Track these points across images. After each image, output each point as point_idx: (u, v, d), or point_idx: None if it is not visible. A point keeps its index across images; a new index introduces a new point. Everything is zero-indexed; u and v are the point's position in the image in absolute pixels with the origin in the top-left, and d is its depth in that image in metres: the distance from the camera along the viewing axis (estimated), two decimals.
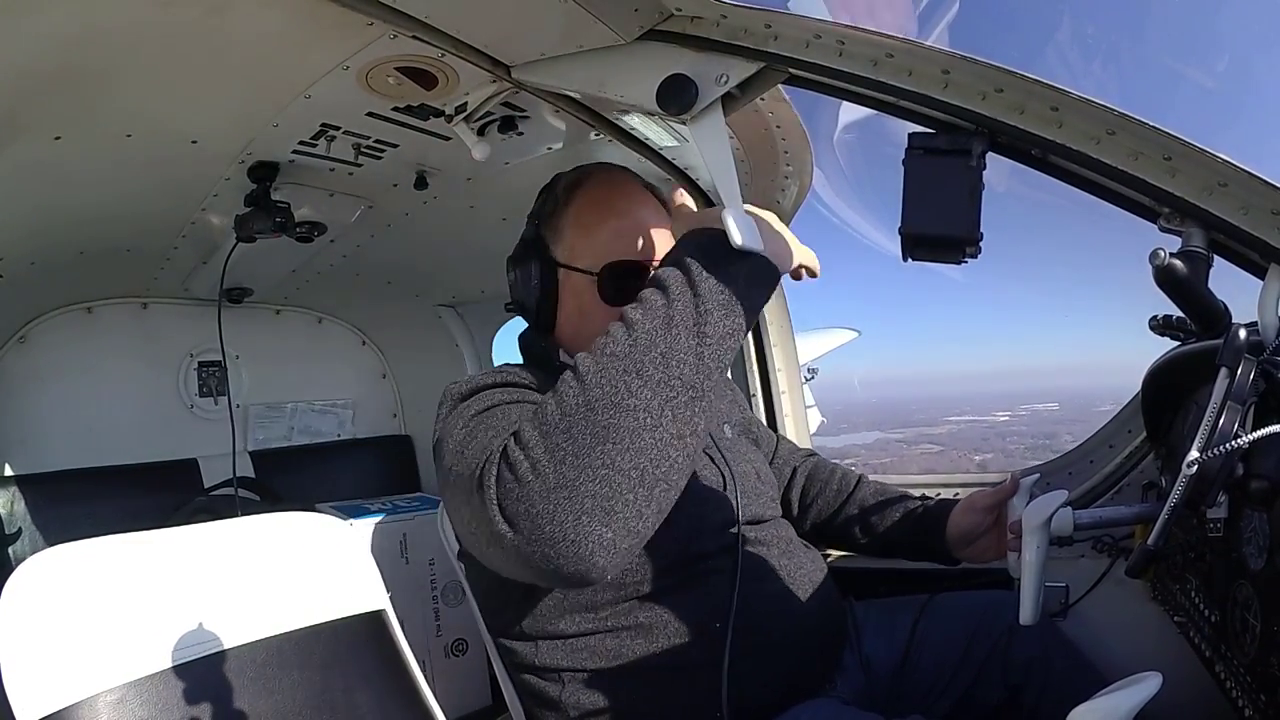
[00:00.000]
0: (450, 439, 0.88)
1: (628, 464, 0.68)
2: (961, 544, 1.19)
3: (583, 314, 1.11)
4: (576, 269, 1.10)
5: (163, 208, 1.56)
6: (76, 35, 0.96)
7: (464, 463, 0.81)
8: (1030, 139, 0.73)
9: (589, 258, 1.09)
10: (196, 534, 1.08)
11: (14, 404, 1.98)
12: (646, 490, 0.69)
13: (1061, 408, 35.77)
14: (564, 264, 1.12)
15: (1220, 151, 0.65)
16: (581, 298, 1.11)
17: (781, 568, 1.12)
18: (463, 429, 0.88)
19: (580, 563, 0.68)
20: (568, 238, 1.12)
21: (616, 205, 1.13)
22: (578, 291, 1.11)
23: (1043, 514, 0.98)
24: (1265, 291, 0.69)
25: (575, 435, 0.68)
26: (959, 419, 54.91)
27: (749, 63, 0.84)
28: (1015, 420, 43.83)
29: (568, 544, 0.67)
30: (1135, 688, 0.61)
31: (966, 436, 53.43)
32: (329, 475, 2.43)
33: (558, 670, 1.05)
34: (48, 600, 0.90)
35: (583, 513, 0.67)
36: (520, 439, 0.72)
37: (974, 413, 30.82)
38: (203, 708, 0.93)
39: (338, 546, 1.18)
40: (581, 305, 1.11)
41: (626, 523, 0.69)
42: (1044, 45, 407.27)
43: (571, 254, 1.11)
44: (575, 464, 0.67)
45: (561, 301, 1.13)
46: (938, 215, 0.74)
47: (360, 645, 1.10)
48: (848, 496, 1.35)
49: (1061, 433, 46.38)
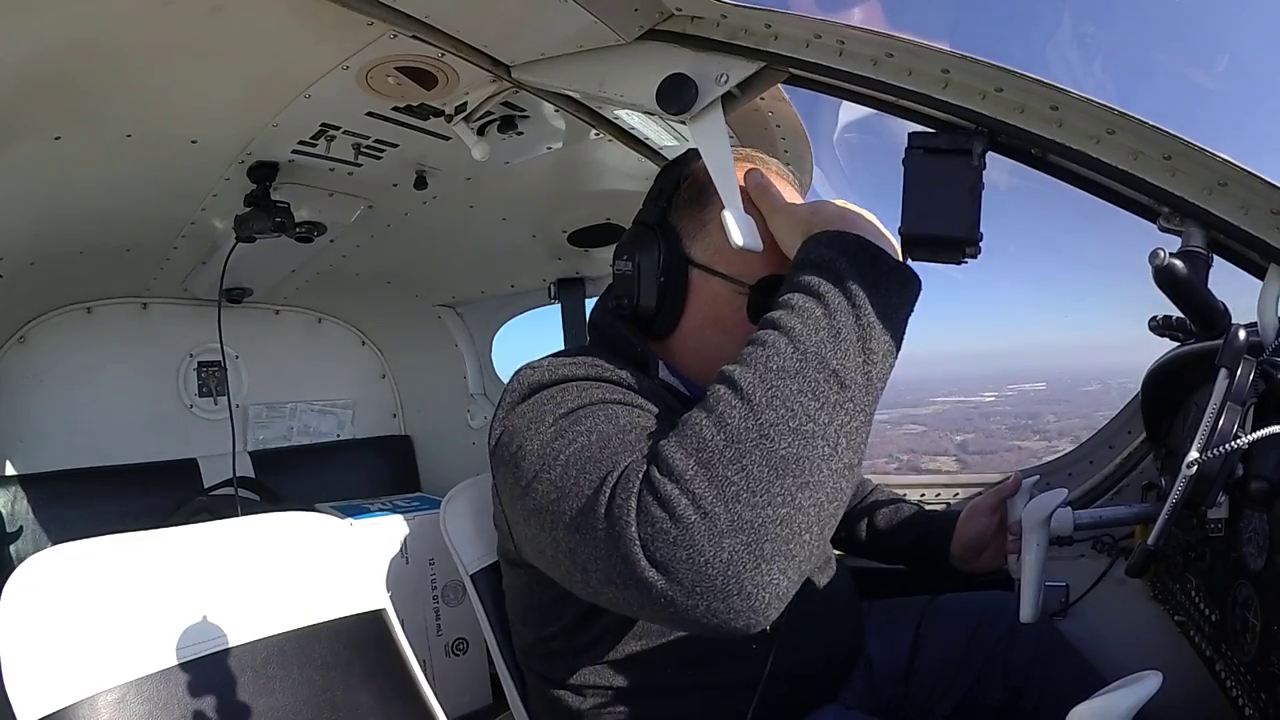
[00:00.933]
0: (531, 442, 0.75)
1: (808, 501, 0.59)
2: (970, 555, 1.17)
3: (718, 328, 0.93)
4: (721, 274, 0.92)
5: (163, 208, 1.56)
6: (76, 35, 0.96)
7: (568, 480, 0.69)
8: (1030, 138, 0.73)
9: (741, 266, 0.90)
10: (196, 534, 1.08)
11: (14, 404, 1.98)
12: (820, 528, 0.61)
13: (1049, 387, 35.61)
14: (703, 265, 0.93)
15: (1220, 151, 0.66)
16: (719, 309, 0.93)
17: (817, 582, 1.09)
18: (552, 431, 0.74)
19: (754, 615, 0.59)
20: (714, 237, 0.92)
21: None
22: (715, 301, 0.93)
23: (1042, 513, 0.99)
24: (1265, 291, 0.69)
25: (749, 467, 0.59)
26: (946, 399, 54.66)
27: (749, 62, 0.84)
28: (1001, 400, 43.81)
29: (743, 596, 0.58)
30: (1135, 687, 0.61)
31: (950, 417, 53.22)
32: (329, 475, 2.43)
33: (583, 687, 1.00)
34: (48, 600, 0.90)
35: (762, 559, 0.58)
36: (669, 467, 0.61)
37: (961, 393, 30.75)
38: (203, 707, 0.93)
39: (338, 546, 1.18)
40: (719, 317, 0.93)
41: (801, 566, 0.60)
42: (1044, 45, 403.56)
43: (716, 256, 0.93)
44: (752, 502, 0.58)
45: (689, 309, 0.94)
46: (938, 215, 0.74)
47: (360, 645, 1.10)
48: (854, 506, 1.34)
49: (1045, 413, 46.21)
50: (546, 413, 0.78)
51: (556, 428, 0.75)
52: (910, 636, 1.20)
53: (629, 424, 0.73)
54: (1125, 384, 8.11)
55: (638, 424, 0.71)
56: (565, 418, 0.76)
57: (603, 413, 0.75)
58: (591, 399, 0.78)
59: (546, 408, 0.78)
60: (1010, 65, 0.94)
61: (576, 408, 0.76)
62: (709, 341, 0.94)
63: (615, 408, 0.77)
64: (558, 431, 0.74)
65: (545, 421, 0.76)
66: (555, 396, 0.79)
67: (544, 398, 0.80)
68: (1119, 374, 21.57)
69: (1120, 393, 2.36)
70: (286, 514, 1.19)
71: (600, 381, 0.82)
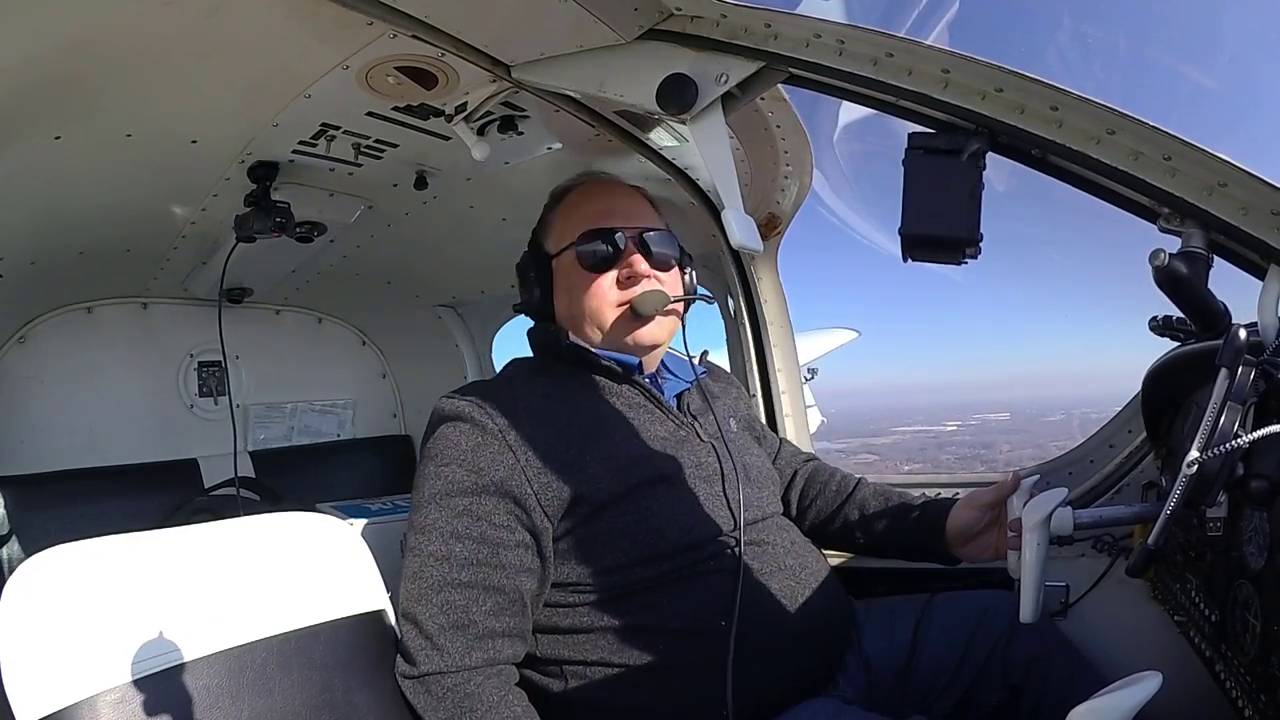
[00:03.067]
0: (421, 509, 1.06)
1: None
2: (960, 540, 1.19)
3: (570, 289, 1.21)
4: (563, 248, 1.22)
5: (163, 208, 1.56)
6: (76, 35, 0.96)
7: (426, 586, 1.02)
8: (1030, 139, 0.73)
9: (570, 233, 1.21)
10: (196, 534, 1.08)
11: (14, 404, 1.98)
12: None
13: (1013, 417, 35.58)
14: (554, 252, 1.24)
15: (1220, 152, 0.66)
16: (569, 275, 1.22)
17: (785, 566, 1.12)
18: (435, 512, 1.05)
19: None
20: (556, 229, 1.25)
21: (596, 191, 1.27)
22: (566, 271, 1.22)
23: (1042, 512, 0.98)
24: (1265, 292, 0.69)
25: None
26: (906, 429, 54.81)
27: (749, 62, 0.84)
28: (962, 430, 43.86)
29: None
30: (1134, 688, 0.61)
31: (906, 447, 53.57)
32: (329, 475, 2.43)
33: (559, 664, 1.06)
34: (48, 600, 0.90)
35: None
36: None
37: (926, 423, 30.69)
38: (203, 707, 0.93)
39: (338, 546, 1.17)
40: (570, 282, 1.22)
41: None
42: (1044, 45, 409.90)
43: (559, 240, 1.23)
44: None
45: (556, 288, 1.24)
46: (938, 215, 0.74)
47: (360, 645, 1.10)
48: (846, 498, 1.35)
49: (1001, 442, 46.44)
50: (435, 501, 1.06)
51: (442, 535, 1.04)
52: (909, 635, 1.20)
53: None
54: (1089, 414, 8.12)
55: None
56: (453, 523, 1.04)
57: (474, 551, 1.02)
58: (470, 518, 1.04)
59: (437, 498, 1.06)
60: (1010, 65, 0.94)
61: (457, 517, 1.04)
62: (571, 300, 1.21)
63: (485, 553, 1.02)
64: (443, 543, 1.04)
65: (434, 510, 1.05)
66: (446, 496, 1.05)
67: (428, 453, 1.09)
68: (1085, 404, 21.69)
69: (1082, 423, 2.37)
70: (287, 514, 1.19)
71: (476, 494, 1.04)
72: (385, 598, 1.18)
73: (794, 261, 12.78)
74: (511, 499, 1.03)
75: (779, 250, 1.69)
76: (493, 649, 1.01)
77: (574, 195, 1.27)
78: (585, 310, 1.19)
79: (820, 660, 1.12)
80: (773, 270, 1.70)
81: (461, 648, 0.99)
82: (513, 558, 1.03)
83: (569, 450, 1.06)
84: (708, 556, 1.06)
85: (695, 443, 1.17)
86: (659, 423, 1.16)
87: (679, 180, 1.52)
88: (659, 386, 1.22)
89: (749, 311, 1.72)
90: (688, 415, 1.21)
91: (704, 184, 1.56)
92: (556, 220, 1.26)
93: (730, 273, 1.70)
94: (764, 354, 1.76)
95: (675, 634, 1.03)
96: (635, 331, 1.18)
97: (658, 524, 1.05)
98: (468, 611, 1.00)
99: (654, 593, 1.04)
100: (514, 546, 1.03)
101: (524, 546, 1.04)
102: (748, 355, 1.77)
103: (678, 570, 1.04)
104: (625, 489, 1.05)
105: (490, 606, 1.01)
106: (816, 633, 1.11)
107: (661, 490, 1.08)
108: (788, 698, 1.03)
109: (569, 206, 1.26)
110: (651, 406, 1.18)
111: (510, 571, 1.02)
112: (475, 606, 1.01)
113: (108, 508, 1.91)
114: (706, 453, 1.16)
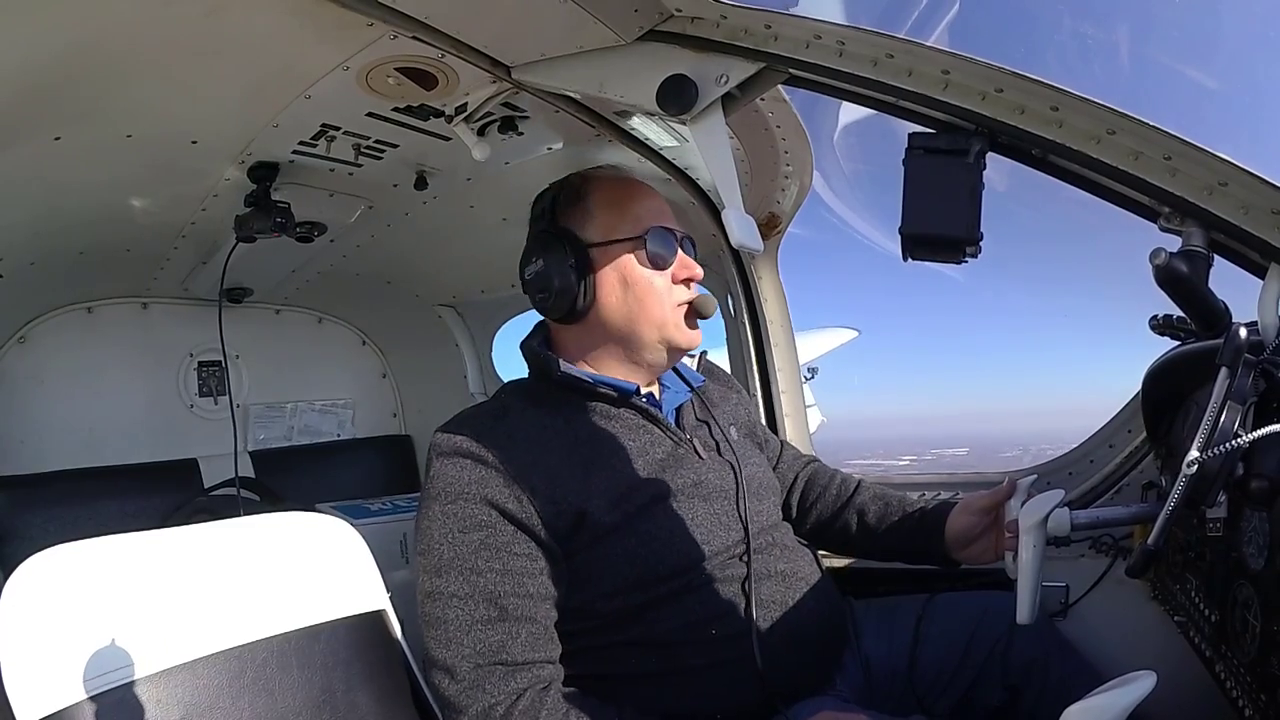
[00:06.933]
0: (434, 552, 1.03)
1: None
2: (960, 544, 1.19)
3: (627, 284, 1.13)
4: (616, 240, 1.13)
5: (163, 208, 1.56)
6: (76, 36, 0.96)
7: (451, 628, 0.98)
8: (1030, 139, 0.73)
9: (629, 227, 1.13)
10: (196, 534, 1.08)
11: (14, 404, 1.98)
12: None
13: (970, 452, 35.45)
14: (599, 242, 1.14)
15: (1221, 152, 0.66)
16: (625, 270, 1.13)
17: (784, 571, 1.12)
18: (450, 551, 1.01)
19: None
20: (599, 217, 1.15)
21: (639, 187, 1.21)
22: (619, 265, 1.13)
23: (1039, 513, 0.98)
24: (1265, 291, 0.69)
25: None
26: (861, 463, 54.97)
27: (749, 63, 0.84)
28: (916, 464, 43.90)
29: None
30: (1128, 687, 0.61)
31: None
32: (329, 475, 2.42)
33: (572, 677, 1.04)
34: (48, 600, 0.90)
35: None
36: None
37: (884, 456, 30.46)
38: (203, 707, 0.93)
39: (338, 546, 1.17)
40: (627, 277, 1.13)
41: None
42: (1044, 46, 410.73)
43: (608, 229, 1.14)
44: None
45: (601, 280, 1.13)
46: (938, 215, 0.74)
47: (360, 645, 1.10)
48: (847, 500, 1.35)
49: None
50: (447, 533, 1.02)
51: (460, 563, 1.01)
52: (909, 635, 1.20)
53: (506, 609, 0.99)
54: (1044, 449, 8.20)
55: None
56: (470, 556, 1.00)
57: (490, 578, 0.99)
58: (481, 545, 1.01)
59: (448, 528, 1.02)
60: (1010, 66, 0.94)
61: (475, 546, 1.01)
62: (625, 302, 1.13)
63: (500, 576, 1.00)
64: (462, 568, 1.00)
65: (447, 545, 1.02)
66: (458, 523, 1.02)
67: (448, 513, 1.03)
68: (1043, 439, 21.75)
69: (1035, 457, 2.41)
70: (287, 514, 1.19)
71: (487, 528, 1.01)
72: (385, 598, 1.18)
73: (794, 261, 12.72)
74: (523, 528, 1.01)
75: (779, 250, 1.69)
76: (533, 674, 0.97)
77: (612, 186, 1.19)
78: (647, 307, 1.13)
79: (817, 662, 1.12)
80: (773, 270, 1.70)
81: (502, 677, 0.96)
82: (537, 586, 1.00)
83: (570, 480, 1.05)
84: (706, 573, 1.06)
85: (694, 460, 1.16)
86: (657, 444, 1.15)
87: (679, 180, 1.52)
88: (657, 404, 1.20)
89: (749, 311, 1.72)
90: (687, 432, 1.20)
91: (704, 184, 1.56)
92: (598, 209, 1.15)
93: (730, 272, 1.70)
94: (764, 353, 1.77)
95: (671, 647, 1.03)
96: (691, 334, 1.16)
97: (657, 547, 1.05)
98: (504, 648, 0.96)
99: (654, 610, 1.04)
100: (537, 574, 1.01)
101: (545, 573, 1.02)
102: (748, 355, 1.77)
103: (676, 590, 1.04)
104: (624, 516, 1.05)
105: (525, 638, 0.98)
106: (812, 635, 1.11)
107: (659, 513, 1.08)
108: (785, 699, 1.04)
109: (612, 196, 1.17)
110: (650, 427, 1.16)
111: (538, 600, 1.00)
112: (511, 641, 0.97)
113: (107, 508, 1.92)
114: (706, 469, 1.16)
